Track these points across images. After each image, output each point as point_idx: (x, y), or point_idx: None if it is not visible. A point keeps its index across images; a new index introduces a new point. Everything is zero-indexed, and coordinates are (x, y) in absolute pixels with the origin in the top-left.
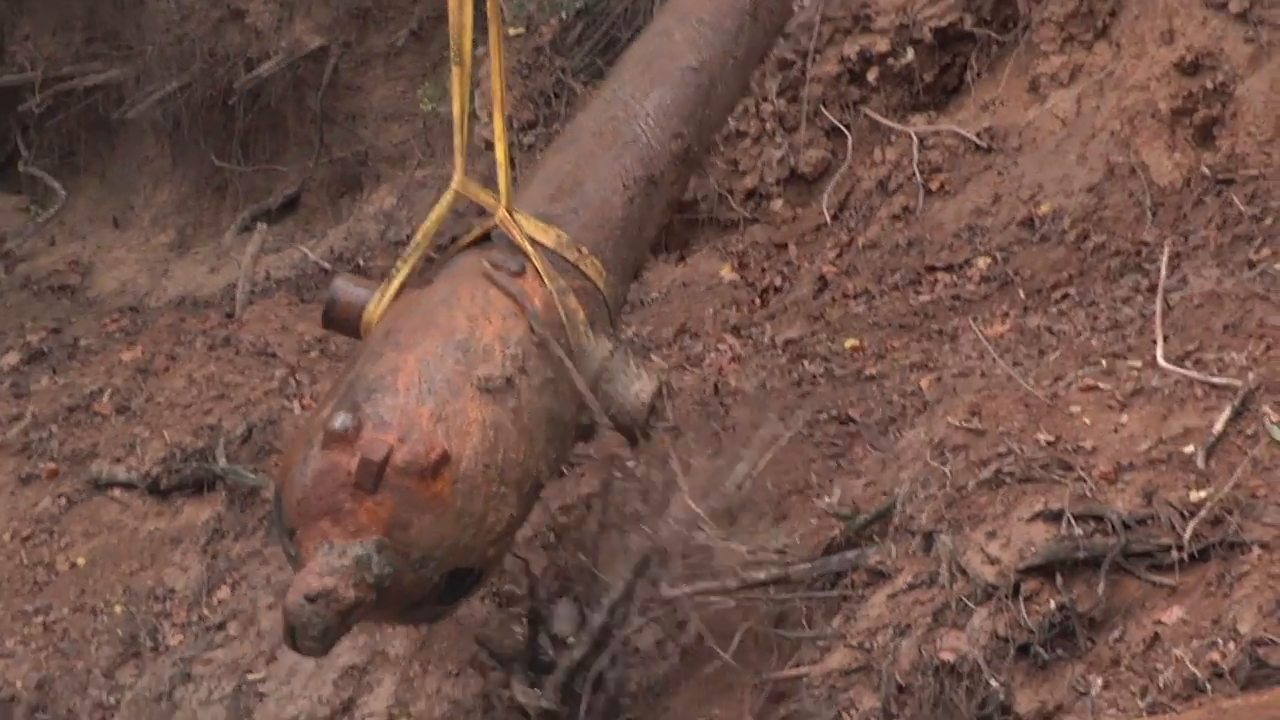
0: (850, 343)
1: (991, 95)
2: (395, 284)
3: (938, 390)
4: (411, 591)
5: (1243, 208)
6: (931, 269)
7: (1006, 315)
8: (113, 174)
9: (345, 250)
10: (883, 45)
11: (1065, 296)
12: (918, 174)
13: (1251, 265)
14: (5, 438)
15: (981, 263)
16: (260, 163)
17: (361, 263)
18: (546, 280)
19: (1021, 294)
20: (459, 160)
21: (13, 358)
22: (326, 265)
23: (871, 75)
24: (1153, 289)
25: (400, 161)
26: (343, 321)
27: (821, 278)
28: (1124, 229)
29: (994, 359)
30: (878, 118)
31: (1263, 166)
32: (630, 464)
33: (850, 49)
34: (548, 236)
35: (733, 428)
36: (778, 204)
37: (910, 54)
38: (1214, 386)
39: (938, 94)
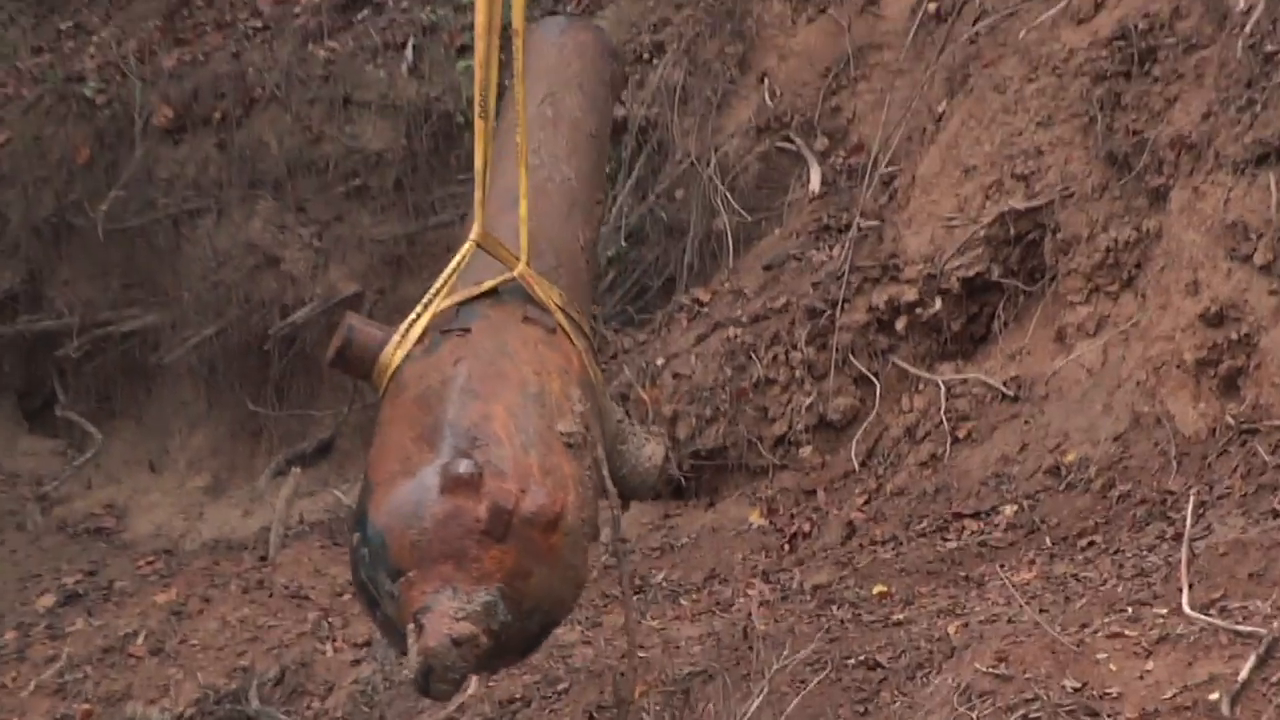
0: (878, 588)
1: (1018, 345)
2: (417, 329)
3: (965, 636)
4: (512, 642)
5: (1267, 457)
6: (959, 516)
7: (1033, 562)
8: (149, 418)
9: None
10: (911, 295)
11: (1091, 544)
12: (945, 422)
13: (1276, 514)
14: (41, 679)
15: (1008, 510)
16: (295, 408)
17: None
18: (574, 340)
19: (1048, 541)
20: (479, 213)
21: (49, 600)
22: None
23: (900, 324)
24: (1178, 537)
25: None
26: (355, 362)
27: (850, 524)
28: (1149, 478)
29: (1021, 605)
30: (906, 366)
31: None
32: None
33: (879, 298)
34: (555, 296)
35: (761, 672)
36: (806, 451)
37: (938, 304)
38: (1239, 634)
39: (965, 343)
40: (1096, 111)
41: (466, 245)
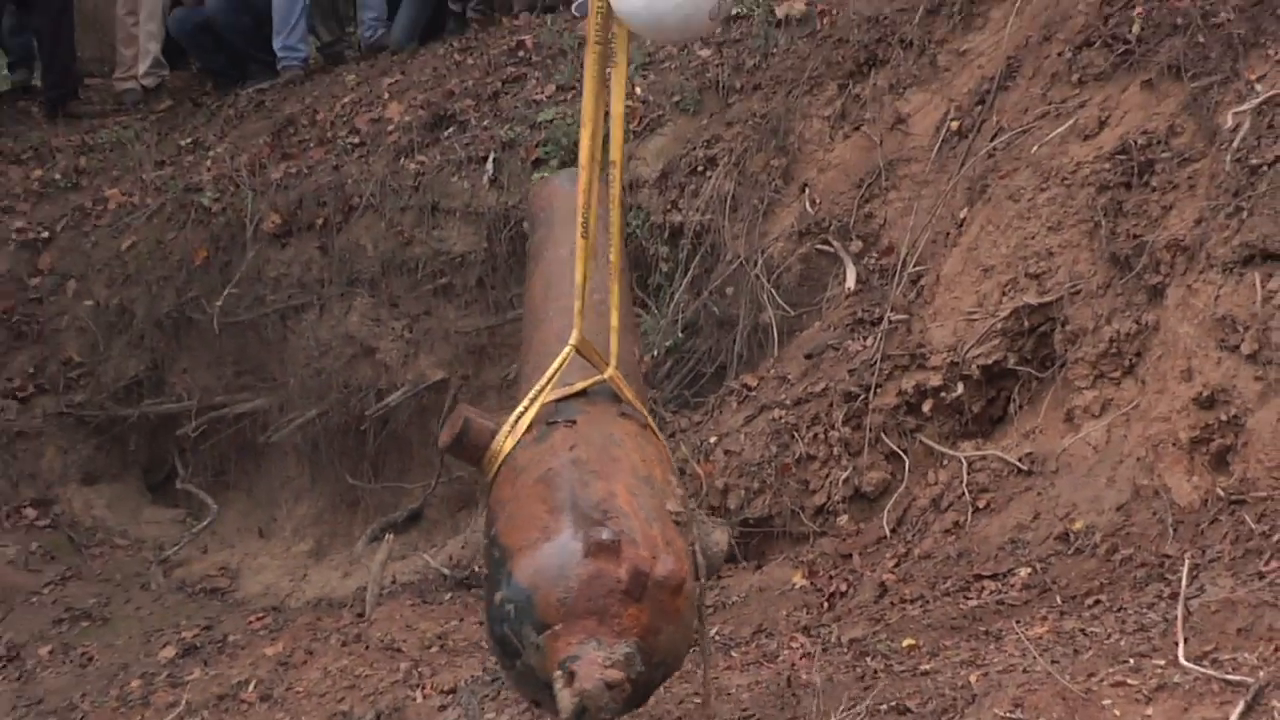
0: (908, 642)
1: (1032, 425)
2: (525, 420)
3: (985, 684)
4: (639, 692)
5: (1253, 525)
6: (979, 577)
7: (1045, 619)
8: (259, 491)
9: (462, 558)
10: (936, 380)
11: (1097, 603)
12: (967, 494)
13: (1261, 576)
14: None
15: (1023, 572)
16: (388, 481)
17: (477, 568)
18: (659, 436)
19: (1059, 600)
20: (578, 321)
21: (170, 651)
22: (446, 571)
23: (926, 406)
24: (1174, 596)
25: None
26: (471, 449)
27: (882, 584)
28: (1149, 543)
29: (1035, 657)
30: (932, 444)
31: (1271, 489)
32: None
33: (907, 384)
34: (637, 399)
35: (804, 716)
36: (843, 519)
37: (960, 388)
38: (1229, 683)
39: (984, 423)
40: (1101, 218)
41: (567, 349)
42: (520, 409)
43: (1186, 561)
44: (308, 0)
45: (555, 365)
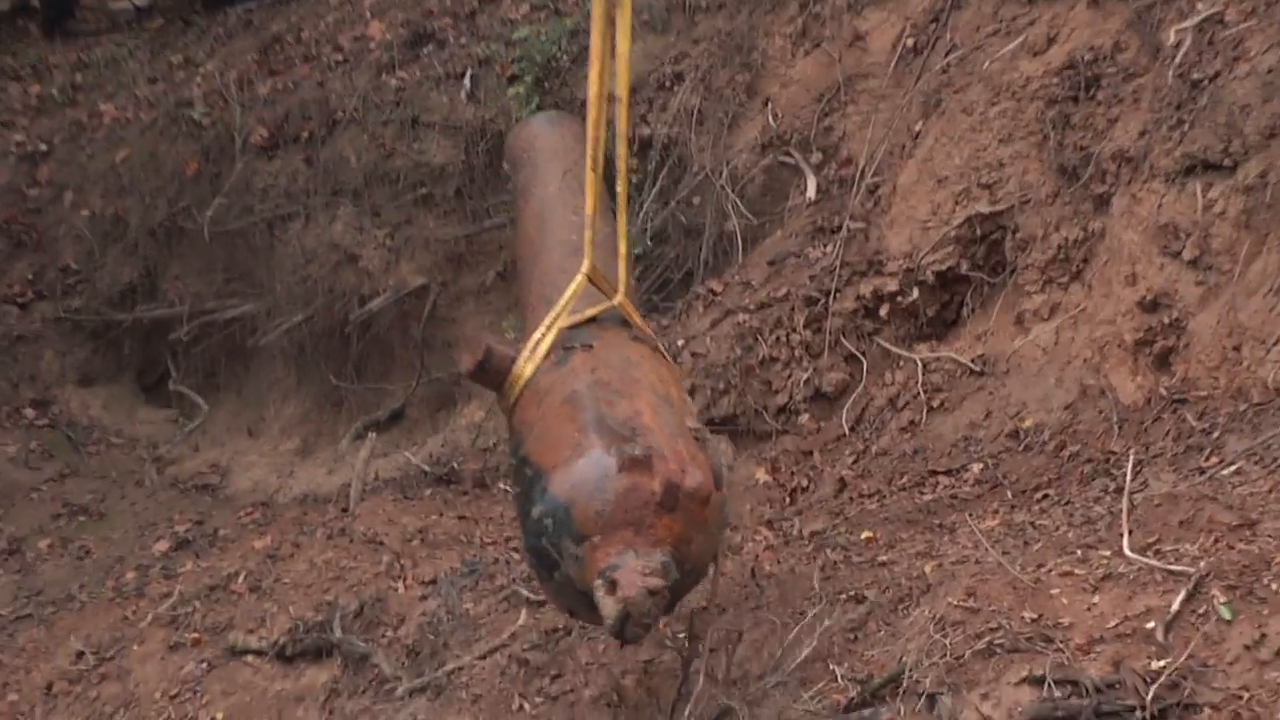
0: (865, 534)
1: (984, 328)
2: (544, 346)
3: (939, 575)
4: (671, 599)
5: (1194, 423)
6: (934, 473)
7: (996, 512)
8: (248, 392)
9: (442, 455)
10: (892, 286)
11: (1046, 497)
12: (922, 393)
13: (1202, 471)
14: (157, 612)
15: (975, 468)
16: (371, 382)
17: (455, 465)
18: (668, 358)
19: (1009, 494)
20: (588, 249)
21: (163, 545)
22: (426, 468)
23: (883, 310)
24: (1119, 491)
25: None
26: (493, 374)
27: (841, 480)
28: (1095, 441)
29: (986, 549)
30: (888, 346)
31: (1211, 389)
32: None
33: (865, 289)
34: (645, 324)
35: (767, 605)
36: (805, 418)
37: (915, 293)
38: (1171, 573)
39: (939, 326)
40: (1049, 130)
41: (579, 277)
42: (538, 335)
43: (1131, 457)
44: None
45: (569, 293)
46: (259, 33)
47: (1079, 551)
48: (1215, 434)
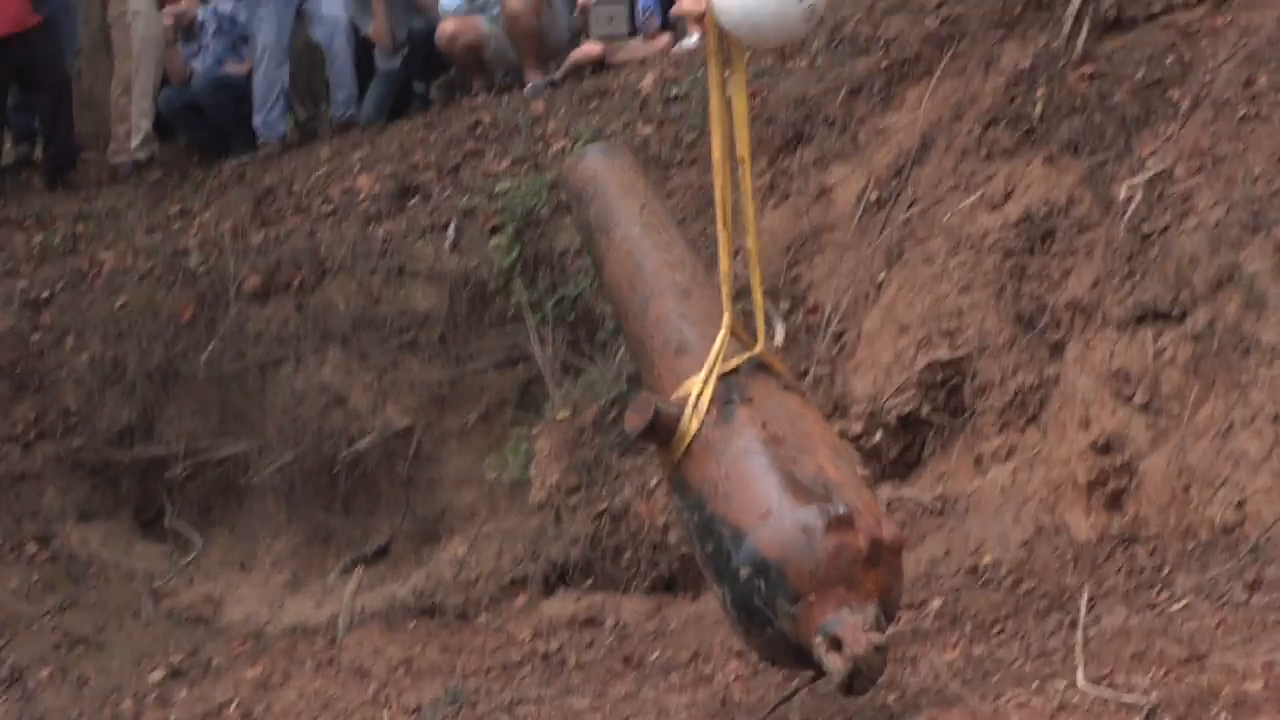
0: None
1: (944, 469)
2: (704, 402)
3: (901, 705)
4: None
5: (1145, 560)
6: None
7: (956, 645)
8: (240, 527)
9: (426, 588)
10: (857, 428)
11: (1003, 630)
12: None
13: (1153, 606)
14: None
15: (936, 602)
16: (358, 519)
17: (439, 599)
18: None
19: (968, 628)
20: (728, 304)
21: (158, 674)
22: (411, 601)
23: None
24: (1074, 625)
25: (471, 518)
26: (661, 432)
27: None
28: (1050, 576)
29: (946, 680)
30: None
31: (1161, 528)
32: None
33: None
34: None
35: None
36: None
37: (879, 435)
38: (1124, 704)
39: (901, 467)
40: (1007, 280)
41: (723, 332)
42: (697, 390)
43: (1085, 593)
44: (285, 81)
45: (717, 347)
46: (252, 185)
47: (1035, 683)
48: (1165, 571)
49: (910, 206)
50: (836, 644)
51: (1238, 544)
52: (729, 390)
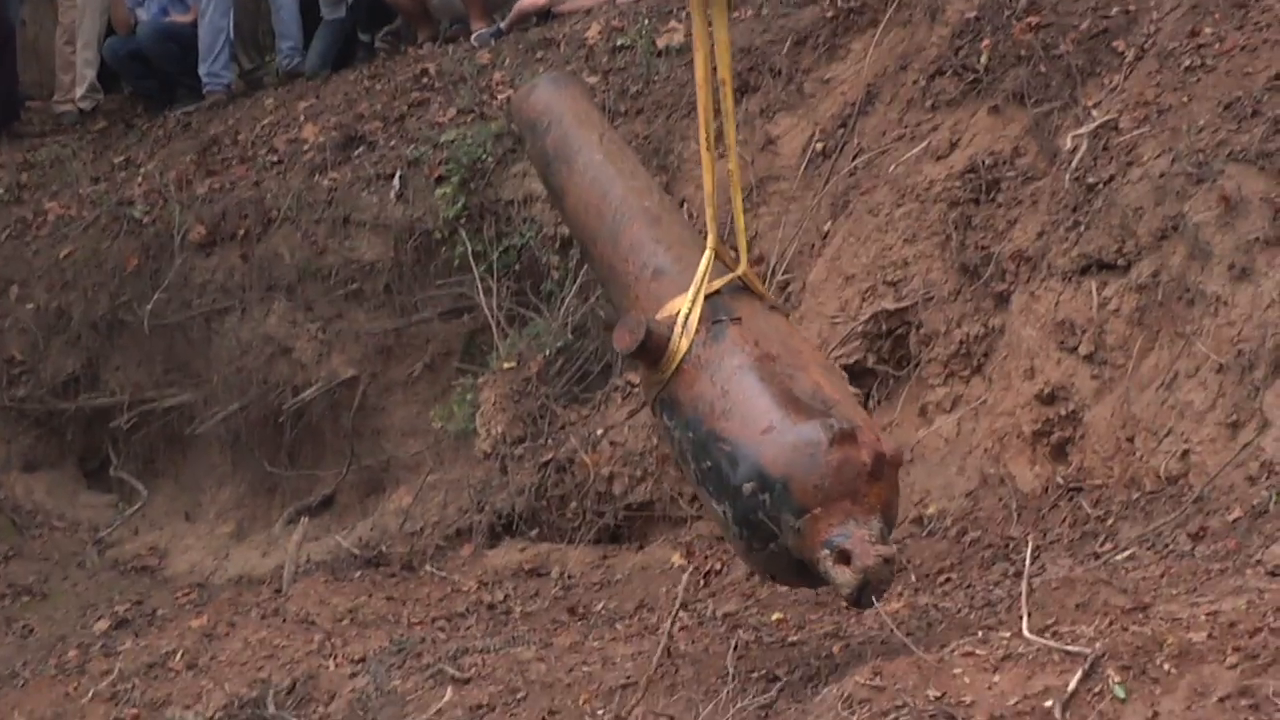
0: (776, 616)
1: (889, 418)
2: (693, 322)
3: (846, 655)
4: None
5: (1089, 510)
6: None
7: (901, 595)
8: (185, 478)
9: (371, 539)
10: None
11: (948, 580)
12: None
13: (1097, 556)
14: (97, 689)
15: None
16: (303, 469)
17: (384, 548)
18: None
19: (913, 578)
20: (712, 226)
21: (104, 624)
22: (356, 551)
23: None
24: (1018, 575)
25: (416, 469)
26: (652, 351)
27: None
28: (995, 527)
29: (892, 630)
30: None
31: (1105, 478)
32: None
33: None
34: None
35: (682, 684)
36: None
37: None
38: (1068, 654)
39: None
40: (952, 231)
41: (708, 252)
42: (685, 309)
43: (1029, 543)
44: (230, 30)
45: (703, 266)
46: (198, 135)
47: (980, 633)
48: (1110, 521)
49: (856, 157)
50: (844, 557)
51: (1182, 494)
52: (716, 310)
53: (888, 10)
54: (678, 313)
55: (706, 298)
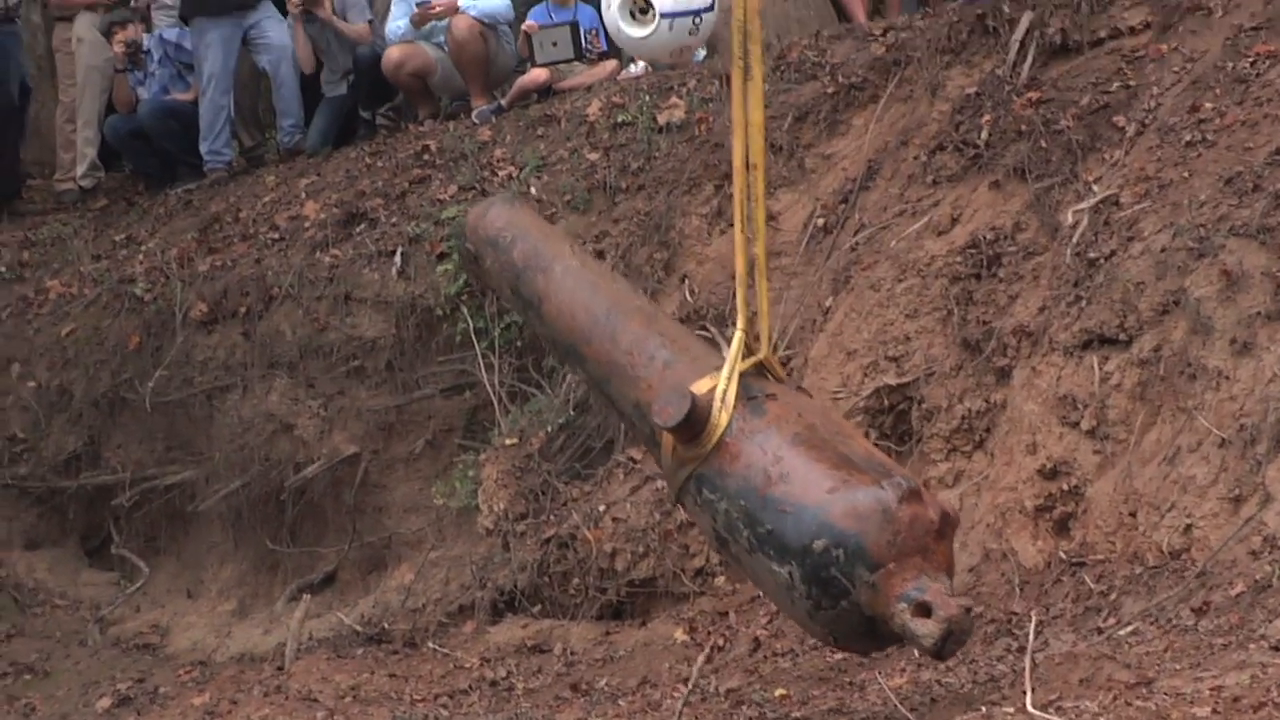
0: (779, 691)
1: None
2: (731, 398)
3: None
4: None
5: (1092, 585)
6: None
7: (904, 670)
8: (187, 555)
9: (373, 616)
10: None
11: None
12: None
13: (1100, 631)
14: None
15: None
16: (305, 546)
17: (386, 625)
18: None
19: (915, 653)
20: (742, 310)
21: (106, 702)
22: (358, 628)
23: None
24: (1022, 650)
25: (418, 545)
26: (694, 425)
27: (756, 639)
28: (998, 602)
29: (895, 705)
30: None
31: (1108, 552)
32: None
33: None
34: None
35: None
36: (720, 580)
37: None
38: None
39: None
40: (953, 306)
41: (738, 335)
42: (723, 386)
43: (1033, 618)
44: (231, 108)
45: (735, 345)
46: (199, 213)
47: (983, 708)
48: (1112, 596)
49: (857, 232)
50: (923, 609)
51: (1185, 569)
52: (747, 389)
53: (888, 86)
54: (712, 390)
55: (736, 375)
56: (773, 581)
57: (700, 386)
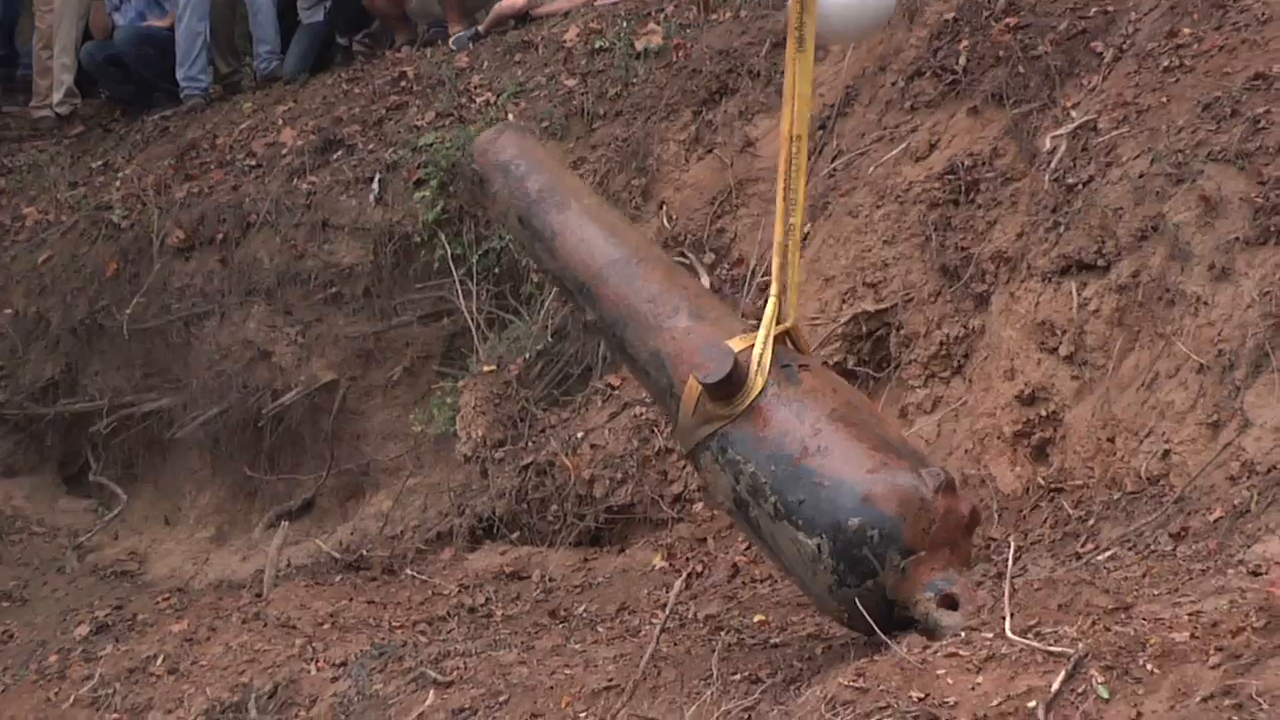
0: (758, 618)
1: None
2: (766, 361)
3: (829, 656)
4: None
5: (1070, 511)
6: None
7: None
8: (164, 482)
9: (351, 543)
10: None
11: None
12: None
13: (1078, 557)
14: (78, 694)
15: None
16: (283, 473)
17: (365, 552)
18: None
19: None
20: (777, 276)
21: (84, 629)
22: (336, 555)
23: None
24: (1000, 576)
25: (395, 473)
26: (734, 384)
27: (734, 565)
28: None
29: (875, 629)
30: None
31: (1086, 478)
32: None
33: None
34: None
35: (664, 687)
36: (699, 506)
37: None
38: (1051, 654)
39: None
40: (931, 232)
41: (772, 301)
42: (759, 350)
43: (1011, 544)
44: (207, 34)
45: (770, 310)
46: (175, 139)
47: (963, 633)
48: (1091, 521)
49: (835, 159)
50: (949, 601)
51: (1163, 494)
52: (780, 356)
53: None
54: (746, 350)
55: (764, 343)
56: (795, 551)
57: (733, 345)
